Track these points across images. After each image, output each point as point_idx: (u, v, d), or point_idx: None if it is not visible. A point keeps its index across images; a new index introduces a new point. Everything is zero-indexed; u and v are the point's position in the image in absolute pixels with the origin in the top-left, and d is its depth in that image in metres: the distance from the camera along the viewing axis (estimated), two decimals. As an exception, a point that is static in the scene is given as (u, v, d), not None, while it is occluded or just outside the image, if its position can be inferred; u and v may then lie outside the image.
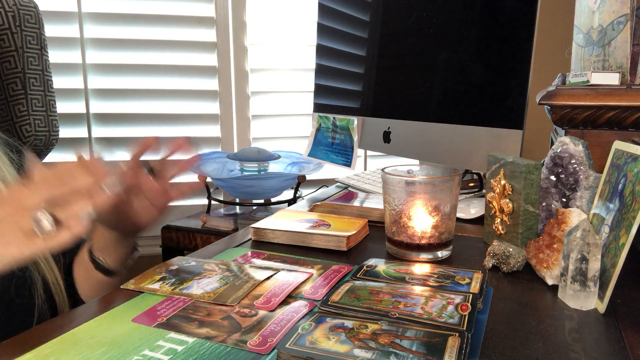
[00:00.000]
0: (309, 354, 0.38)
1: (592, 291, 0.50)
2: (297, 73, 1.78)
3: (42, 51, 1.17)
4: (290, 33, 1.76)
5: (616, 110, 0.78)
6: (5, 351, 0.43)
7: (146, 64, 1.69)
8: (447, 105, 0.88)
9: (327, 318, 0.44)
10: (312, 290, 0.55)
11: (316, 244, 0.70)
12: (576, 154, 0.61)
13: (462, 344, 0.39)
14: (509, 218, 0.65)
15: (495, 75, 0.78)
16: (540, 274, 0.58)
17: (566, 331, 0.46)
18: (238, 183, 1.48)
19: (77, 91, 1.65)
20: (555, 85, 0.85)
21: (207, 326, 0.47)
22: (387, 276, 0.55)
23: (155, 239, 1.66)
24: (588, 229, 0.51)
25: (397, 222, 0.65)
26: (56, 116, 1.21)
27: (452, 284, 0.52)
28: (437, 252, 0.65)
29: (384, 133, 1.03)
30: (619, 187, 0.53)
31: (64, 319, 0.50)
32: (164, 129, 1.72)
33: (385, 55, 1.05)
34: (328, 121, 1.17)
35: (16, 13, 1.11)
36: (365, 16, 1.13)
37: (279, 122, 1.81)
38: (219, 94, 1.74)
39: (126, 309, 0.51)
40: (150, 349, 0.43)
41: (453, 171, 0.66)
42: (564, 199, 0.62)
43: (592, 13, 0.88)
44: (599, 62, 0.87)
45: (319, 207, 0.88)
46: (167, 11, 1.68)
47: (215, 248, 0.71)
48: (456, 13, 0.87)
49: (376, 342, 0.40)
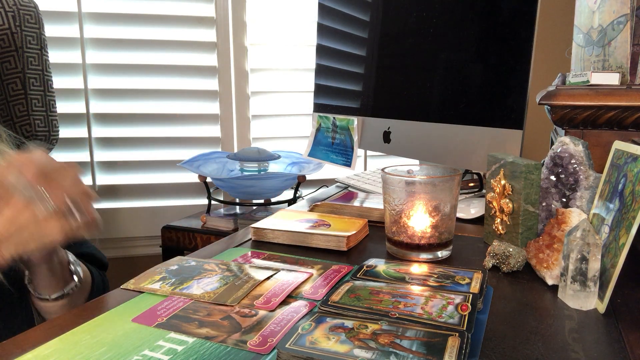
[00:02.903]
0: (309, 354, 0.38)
1: (592, 291, 0.50)
2: (297, 73, 1.78)
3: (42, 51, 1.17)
4: (290, 33, 1.76)
5: (616, 110, 0.78)
6: (5, 351, 0.43)
7: (146, 64, 1.69)
8: (447, 105, 0.88)
9: (327, 318, 0.44)
10: (312, 290, 0.55)
11: (316, 244, 0.70)
12: (576, 154, 0.61)
13: (462, 344, 0.39)
14: (509, 218, 0.65)
15: (495, 75, 0.78)
16: (540, 274, 0.58)
17: (566, 331, 0.46)
18: (238, 183, 1.48)
19: (77, 91, 1.65)
20: (555, 85, 0.85)
21: (207, 326, 0.47)
22: (387, 276, 0.55)
23: (155, 239, 1.67)
24: (588, 229, 0.51)
25: (397, 222, 0.65)
26: (56, 116, 1.21)
27: (452, 284, 0.52)
28: (437, 252, 0.65)
29: (384, 133, 1.03)
30: (619, 187, 0.53)
31: (64, 319, 0.50)
32: (164, 129, 1.72)
33: (385, 56, 1.05)
34: (328, 121, 1.17)
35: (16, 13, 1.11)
36: (365, 16, 1.13)
37: (279, 122, 1.81)
38: (219, 94, 1.74)
39: (126, 309, 0.51)
40: (150, 349, 0.43)
41: (453, 171, 0.66)
42: (564, 199, 0.62)
43: (592, 13, 0.88)
44: (599, 62, 0.87)
45: (319, 207, 0.88)
46: (167, 11, 1.68)
47: (215, 248, 0.71)
48: (456, 13, 0.87)
49: (376, 342, 0.40)
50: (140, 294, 0.55)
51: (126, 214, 1.73)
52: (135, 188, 1.73)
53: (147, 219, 1.73)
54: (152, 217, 1.73)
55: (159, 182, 1.74)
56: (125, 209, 1.73)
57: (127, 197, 1.74)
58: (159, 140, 1.73)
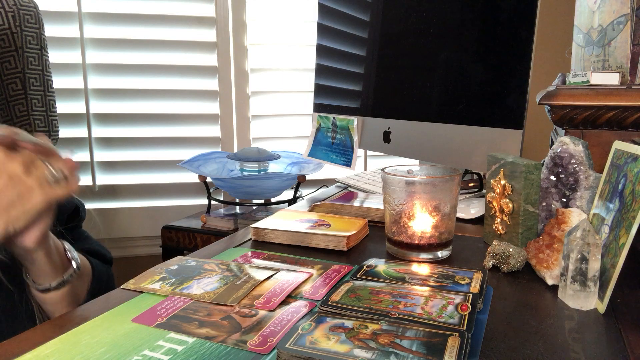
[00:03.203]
0: (309, 354, 0.38)
1: (592, 291, 0.50)
2: (297, 73, 1.78)
3: (42, 51, 1.17)
4: (290, 33, 1.76)
5: (616, 110, 0.78)
6: (5, 351, 0.43)
7: (146, 64, 1.69)
8: (447, 105, 0.88)
9: (327, 318, 0.44)
10: (312, 290, 0.55)
11: (316, 244, 0.70)
12: (576, 154, 0.61)
13: (462, 344, 0.39)
14: (509, 218, 0.65)
15: (495, 75, 0.78)
16: (540, 274, 0.58)
17: (566, 331, 0.46)
18: (238, 183, 1.48)
19: (77, 91, 1.65)
20: (555, 85, 0.85)
21: (207, 326, 0.47)
22: (387, 276, 0.55)
23: (155, 239, 1.66)
24: (588, 229, 0.51)
25: (397, 222, 0.65)
26: (56, 116, 1.21)
27: (452, 284, 0.52)
28: (437, 252, 0.65)
29: (384, 133, 1.03)
30: (619, 187, 0.53)
31: (64, 319, 0.50)
32: (164, 129, 1.72)
33: (385, 56, 1.05)
34: (328, 121, 1.17)
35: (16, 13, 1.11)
36: (365, 16, 1.13)
37: (279, 122, 1.81)
38: (219, 94, 1.74)
39: (126, 309, 0.51)
40: (150, 349, 0.43)
41: (453, 171, 0.66)
42: (564, 199, 0.62)
43: (592, 13, 0.88)
44: (599, 62, 0.87)
45: (319, 207, 0.88)
46: (167, 11, 1.68)
47: (215, 248, 0.71)
48: (456, 13, 0.87)
49: (376, 342, 0.40)
50: (140, 294, 0.55)
51: (126, 214, 1.73)
52: (135, 188, 1.73)
53: (147, 219, 1.73)
54: (152, 217, 1.73)
55: (159, 182, 1.74)
56: (125, 209, 1.73)
57: (127, 197, 1.74)
58: (159, 140, 1.73)
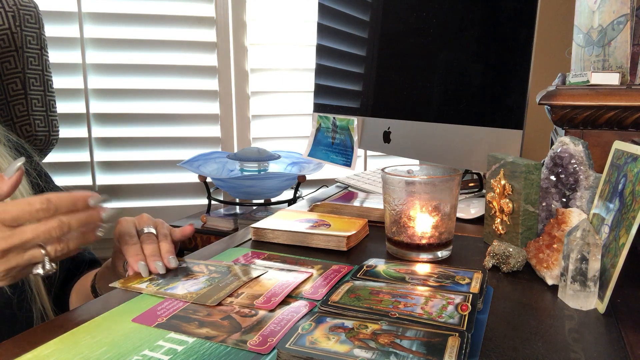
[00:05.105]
0: (309, 354, 0.38)
1: (592, 291, 0.50)
2: (297, 73, 1.78)
3: (42, 51, 1.17)
4: (290, 33, 1.76)
5: (616, 110, 0.78)
6: (6, 351, 0.43)
7: (146, 64, 1.69)
8: (447, 105, 0.88)
9: (327, 318, 0.44)
10: (312, 290, 0.55)
11: (316, 244, 0.70)
12: (576, 154, 0.61)
13: (462, 344, 0.39)
14: (509, 218, 0.65)
15: (495, 75, 0.78)
16: (540, 274, 0.58)
17: (566, 331, 0.46)
18: (238, 183, 1.48)
19: (77, 91, 1.65)
20: (555, 85, 0.85)
21: (207, 326, 0.47)
22: (387, 276, 0.55)
23: (155, 239, 1.66)
24: (588, 229, 0.51)
25: (397, 222, 0.65)
26: (56, 116, 1.21)
27: (452, 284, 0.52)
28: (437, 252, 0.65)
29: (384, 133, 1.03)
30: (619, 187, 0.53)
31: (64, 319, 0.50)
32: (164, 129, 1.72)
33: (385, 56, 1.05)
34: (328, 121, 1.17)
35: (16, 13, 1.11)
36: (365, 16, 1.13)
37: (279, 122, 1.81)
38: (219, 94, 1.74)
39: (126, 309, 0.51)
40: (150, 349, 0.43)
41: (453, 171, 0.66)
42: (564, 199, 0.62)
43: (592, 13, 0.88)
44: (599, 62, 0.87)
45: (319, 207, 0.88)
46: (167, 11, 1.68)
47: (215, 248, 0.71)
48: (456, 13, 0.87)
49: (376, 342, 0.40)
50: (140, 294, 0.55)
51: (126, 214, 1.72)
52: (135, 188, 1.73)
53: (147, 219, 1.73)
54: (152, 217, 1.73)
55: (159, 182, 1.74)
56: (125, 209, 1.73)
57: (127, 197, 1.74)
58: (159, 140, 1.73)
